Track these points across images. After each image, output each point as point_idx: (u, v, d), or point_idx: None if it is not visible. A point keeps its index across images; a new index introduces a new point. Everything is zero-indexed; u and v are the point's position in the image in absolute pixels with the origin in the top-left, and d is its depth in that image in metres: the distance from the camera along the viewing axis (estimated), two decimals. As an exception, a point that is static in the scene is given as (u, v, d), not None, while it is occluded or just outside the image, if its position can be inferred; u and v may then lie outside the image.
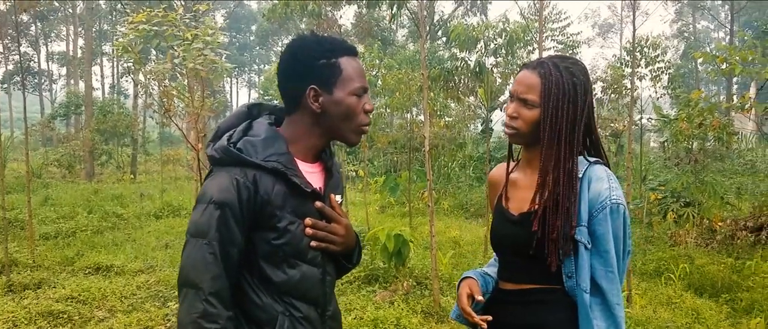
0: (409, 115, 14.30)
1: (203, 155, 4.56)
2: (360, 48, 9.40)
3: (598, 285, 1.70)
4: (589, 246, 1.69)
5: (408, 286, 5.92)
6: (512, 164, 1.95)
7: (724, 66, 4.75)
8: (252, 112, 1.75)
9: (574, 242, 1.69)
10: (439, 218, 11.03)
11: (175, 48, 4.29)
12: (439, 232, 9.01)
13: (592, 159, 1.79)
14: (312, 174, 1.70)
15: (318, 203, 1.69)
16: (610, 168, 1.80)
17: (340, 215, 1.74)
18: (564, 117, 1.72)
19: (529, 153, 1.85)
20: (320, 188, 1.71)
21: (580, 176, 1.73)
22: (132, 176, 20.68)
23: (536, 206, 1.75)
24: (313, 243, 1.66)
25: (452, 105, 14.92)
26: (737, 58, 4.80)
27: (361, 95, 1.67)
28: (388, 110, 14.74)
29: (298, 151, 1.67)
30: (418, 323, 5.08)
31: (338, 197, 1.78)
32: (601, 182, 1.71)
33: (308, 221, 1.65)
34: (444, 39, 25.26)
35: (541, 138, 1.74)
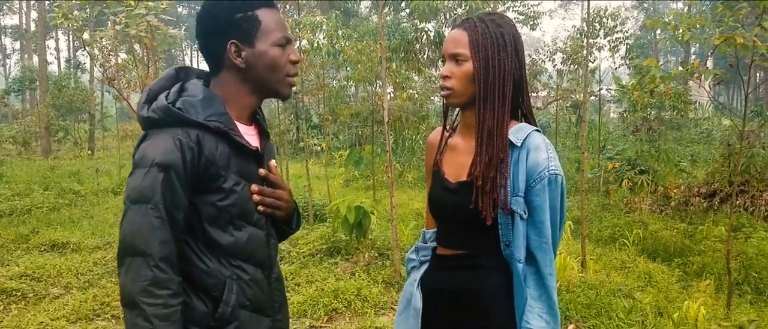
0: (371, 88, 14.25)
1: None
2: (320, 18, 9.29)
3: (533, 255, 1.70)
4: (525, 216, 1.69)
5: (369, 257, 5.95)
6: (448, 130, 1.91)
7: (677, 33, 4.81)
8: (179, 75, 1.70)
9: (510, 212, 1.69)
10: (403, 191, 11.07)
11: (117, 14, 4.16)
12: (402, 204, 9.05)
13: (533, 127, 1.76)
14: (250, 136, 1.68)
15: (262, 171, 1.69)
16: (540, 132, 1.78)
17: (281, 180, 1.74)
18: (496, 67, 1.69)
19: (466, 117, 1.81)
20: (258, 149, 1.69)
21: (519, 144, 1.70)
22: (90, 152, 20.22)
23: (474, 176, 1.72)
24: (260, 208, 1.66)
25: (415, 77, 14.92)
26: (689, 26, 4.86)
27: (284, 46, 1.64)
28: (351, 83, 14.69)
29: (233, 111, 1.64)
30: (379, 293, 5.12)
31: (273, 162, 1.76)
32: (539, 152, 1.68)
33: (254, 187, 1.65)
34: (408, 11, 25.15)
35: (476, 92, 1.71)
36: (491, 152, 1.69)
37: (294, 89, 1.75)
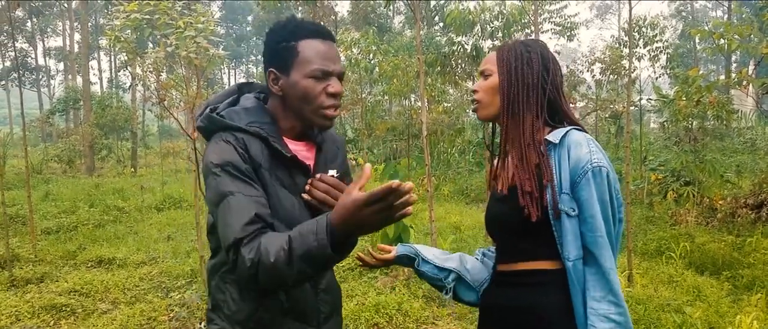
0: (407, 101, 14.28)
1: (200, 145, 4.57)
2: (356, 35, 9.36)
3: (591, 252, 1.67)
4: (573, 214, 1.67)
5: (409, 272, 5.94)
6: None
7: (720, 42, 4.72)
8: (242, 90, 1.78)
9: (557, 211, 1.68)
10: (440, 204, 11.02)
11: (168, 37, 4.28)
12: (439, 218, 9.01)
13: (572, 126, 1.76)
14: (299, 152, 1.70)
15: (319, 175, 1.69)
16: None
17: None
18: (520, 79, 1.77)
19: None
20: (310, 165, 1.70)
21: (558, 141, 1.71)
22: (132, 169, 20.67)
23: (518, 180, 1.74)
24: (305, 196, 1.66)
25: (450, 91, 14.91)
26: (735, 34, 4.77)
27: (320, 78, 1.62)
28: (387, 98, 14.76)
29: (283, 128, 1.69)
30: (420, 307, 5.10)
31: (333, 171, 1.76)
32: (580, 147, 1.69)
33: (308, 187, 1.67)
34: (441, 25, 25.20)
35: (500, 104, 1.79)
36: (522, 156, 1.74)
37: None
